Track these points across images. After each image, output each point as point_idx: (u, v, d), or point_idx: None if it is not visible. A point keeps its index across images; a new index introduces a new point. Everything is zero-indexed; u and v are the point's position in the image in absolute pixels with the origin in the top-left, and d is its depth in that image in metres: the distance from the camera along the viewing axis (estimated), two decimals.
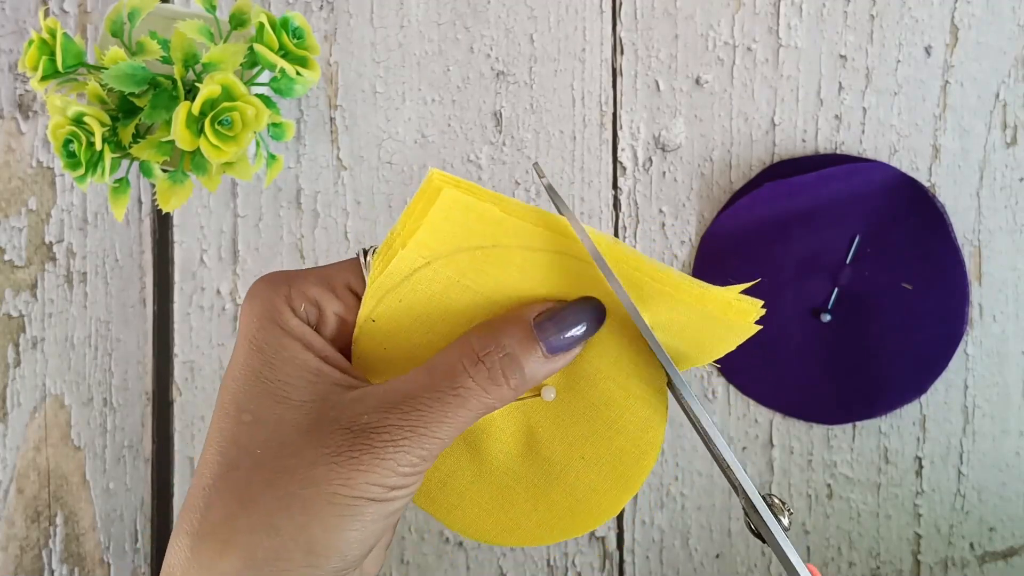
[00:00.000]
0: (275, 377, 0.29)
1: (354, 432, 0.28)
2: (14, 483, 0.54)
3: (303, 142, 0.54)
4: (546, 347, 0.29)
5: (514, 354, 0.29)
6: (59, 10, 0.55)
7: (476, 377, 0.28)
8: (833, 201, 0.51)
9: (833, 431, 0.52)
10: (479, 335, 0.29)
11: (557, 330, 0.29)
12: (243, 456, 0.28)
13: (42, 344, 0.54)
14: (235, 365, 0.30)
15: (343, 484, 0.27)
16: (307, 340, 0.30)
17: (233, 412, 0.29)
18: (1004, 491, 0.51)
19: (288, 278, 0.31)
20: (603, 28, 0.53)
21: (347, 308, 0.31)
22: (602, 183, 0.53)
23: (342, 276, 0.31)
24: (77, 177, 0.45)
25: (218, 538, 0.27)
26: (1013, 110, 0.51)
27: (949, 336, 0.51)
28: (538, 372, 0.29)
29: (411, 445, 0.28)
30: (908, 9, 0.52)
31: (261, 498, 0.27)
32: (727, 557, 0.52)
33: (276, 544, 0.27)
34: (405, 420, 0.28)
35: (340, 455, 0.27)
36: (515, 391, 0.29)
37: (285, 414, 0.28)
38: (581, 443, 0.32)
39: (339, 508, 0.27)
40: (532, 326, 0.29)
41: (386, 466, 0.27)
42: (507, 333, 0.29)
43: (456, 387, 0.28)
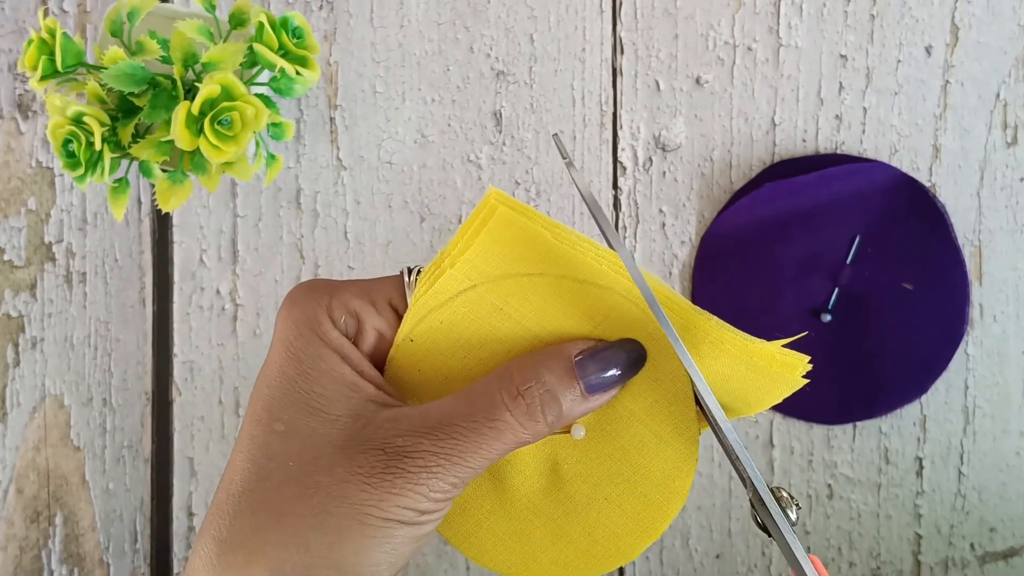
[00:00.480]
0: (310, 388, 0.29)
1: (388, 454, 0.28)
2: (13, 483, 0.54)
3: (303, 142, 0.54)
4: (585, 386, 0.29)
5: (553, 391, 0.29)
6: (58, 10, 0.55)
7: (515, 411, 0.28)
8: (833, 201, 0.51)
9: (833, 431, 0.52)
10: (521, 369, 0.29)
11: (598, 370, 0.29)
12: (275, 466, 0.28)
13: (41, 344, 0.54)
14: (270, 371, 0.30)
15: (375, 506, 0.27)
16: (345, 353, 0.29)
17: (266, 420, 0.29)
18: (1005, 491, 0.51)
19: (330, 288, 0.30)
20: (603, 28, 0.53)
21: (387, 324, 0.31)
22: (602, 183, 0.53)
23: (384, 291, 0.31)
24: (76, 177, 0.45)
25: (247, 548, 0.27)
26: (1014, 110, 0.51)
27: (949, 336, 0.50)
28: (575, 410, 0.29)
29: (444, 472, 0.27)
30: (908, 9, 0.51)
31: (292, 512, 0.27)
32: (727, 557, 0.52)
33: (305, 560, 0.27)
34: (440, 447, 0.28)
35: (374, 476, 0.27)
36: (550, 428, 0.29)
37: (319, 427, 0.28)
38: (606, 484, 0.32)
39: (370, 530, 0.27)
40: (574, 364, 0.29)
41: (419, 491, 0.27)
42: (548, 369, 0.29)
43: (494, 419, 0.28)
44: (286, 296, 0.31)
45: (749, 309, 0.51)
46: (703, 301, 0.52)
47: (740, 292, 0.51)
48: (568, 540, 0.32)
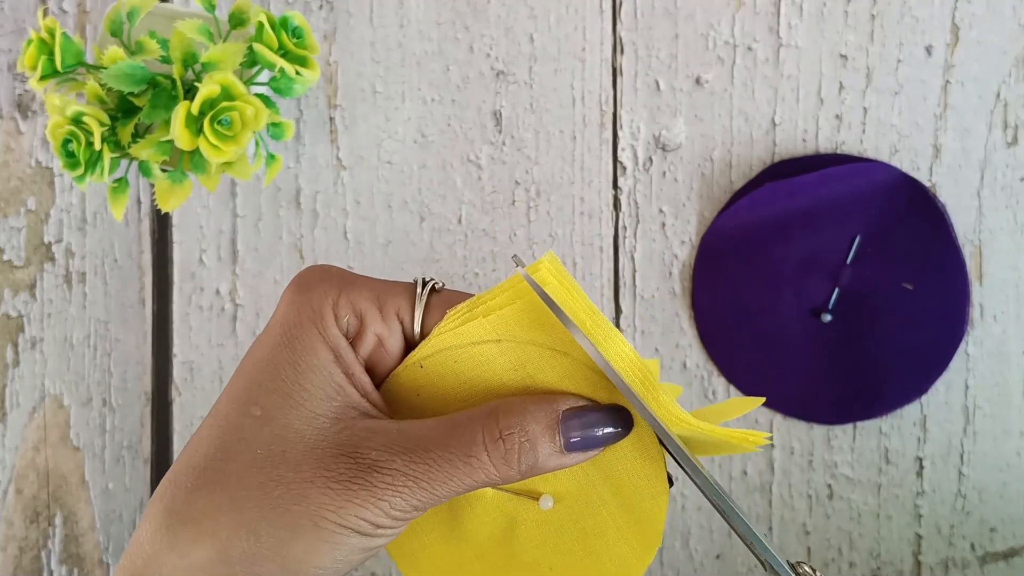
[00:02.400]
0: (296, 380, 0.29)
1: (358, 464, 0.28)
2: (13, 484, 0.54)
3: (302, 142, 0.54)
4: (565, 442, 0.29)
5: (533, 441, 0.29)
6: (58, 9, 0.55)
7: (492, 453, 0.28)
8: (834, 201, 0.50)
9: (834, 431, 0.52)
10: (507, 413, 0.29)
11: (581, 428, 0.29)
12: (242, 449, 0.28)
13: (41, 344, 0.54)
14: (260, 351, 0.29)
15: (333, 511, 0.27)
16: (340, 353, 0.29)
17: (244, 400, 0.29)
18: (1005, 491, 0.51)
19: (341, 280, 0.30)
20: (603, 27, 0.53)
21: (390, 332, 0.30)
22: (602, 183, 0.53)
23: (394, 300, 0.30)
24: (76, 177, 0.45)
25: (198, 526, 0.27)
26: (1014, 110, 0.51)
27: (950, 336, 0.50)
28: (549, 463, 0.29)
29: (409, 494, 0.28)
30: (909, 8, 0.51)
31: (250, 500, 0.27)
32: (727, 558, 0.52)
33: (253, 550, 0.27)
34: (411, 468, 0.28)
35: (339, 482, 0.27)
36: (522, 475, 0.29)
37: (294, 421, 0.28)
38: (555, 555, 0.32)
39: (324, 533, 0.27)
40: (559, 417, 0.29)
41: (380, 506, 0.27)
42: (534, 418, 0.29)
43: (470, 455, 0.28)
44: (297, 276, 0.30)
45: (749, 309, 0.51)
46: (703, 301, 0.52)
47: (740, 292, 0.51)
48: None
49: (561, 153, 0.53)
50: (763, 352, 0.51)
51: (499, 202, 0.53)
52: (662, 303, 0.52)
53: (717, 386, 0.52)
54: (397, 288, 0.31)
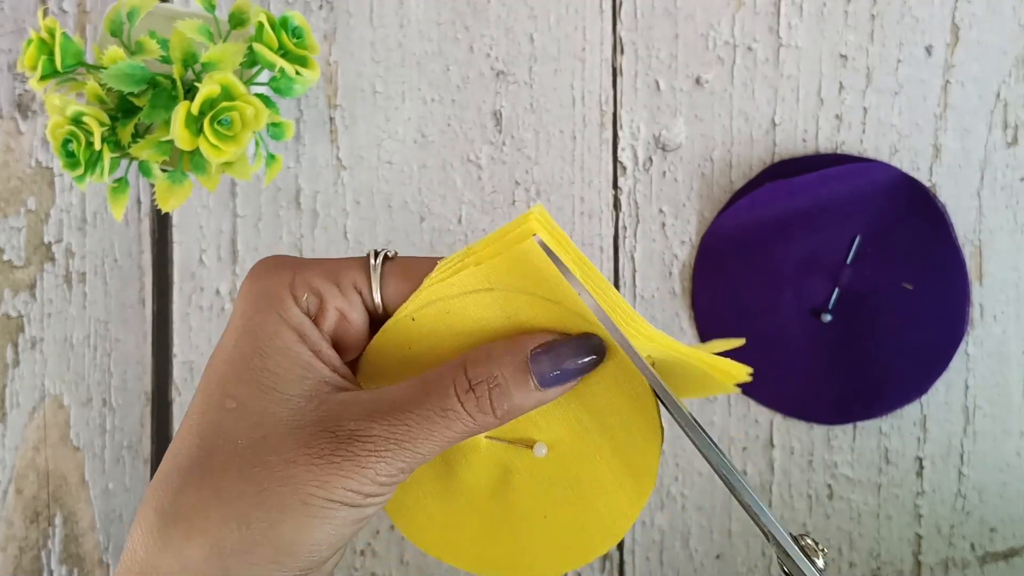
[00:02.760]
0: (264, 366, 0.29)
1: (338, 437, 0.28)
2: (13, 483, 0.54)
3: (302, 142, 0.54)
4: (539, 379, 0.29)
5: (505, 385, 0.29)
6: (58, 9, 0.55)
7: (465, 403, 0.28)
8: (834, 201, 0.50)
9: (834, 431, 0.52)
10: (474, 362, 0.29)
11: (552, 364, 0.29)
12: (223, 443, 0.28)
13: (41, 344, 0.54)
14: (225, 346, 0.29)
15: (319, 487, 0.27)
16: (303, 331, 0.29)
17: (217, 395, 0.29)
18: (1005, 491, 0.51)
19: (294, 264, 0.30)
20: (603, 27, 0.53)
21: (350, 305, 0.30)
22: (602, 183, 0.53)
23: (349, 273, 0.30)
24: (76, 177, 0.45)
25: (188, 523, 0.27)
26: (1014, 110, 0.51)
27: (950, 336, 0.50)
28: (527, 402, 0.29)
29: (393, 457, 0.28)
30: (909, 8, 0.51)
31: (236, 489, 0.27)
32: (727, 558, 0.52)
33: (246, 537, 0.27)
34: (391, 432, 0.28)
35: (321, 457, 0.27)
36: (501, 420, 0.29)
37: (270, 406, 0.28)
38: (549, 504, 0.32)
39: (312, 509, 0.27)
40: (528, 358, 0.29)
41: (365, 474, 0.27)
42: (501, 363, 0.29)
43: (446, 409, 0.28)
44: (250, 270, 0.30)
45: (749, 309, 0.51)
46: (703, 301, 0.52)
47: (740, 292, 0.51)
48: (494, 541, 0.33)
49: (561, 153, 0.53)
50: (763, 352, 0.51)
51: (499, 202, 0.53)
52: (662, 303, 0.52)
53: None
54: (351, 262, 0.31)
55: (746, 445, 0.52)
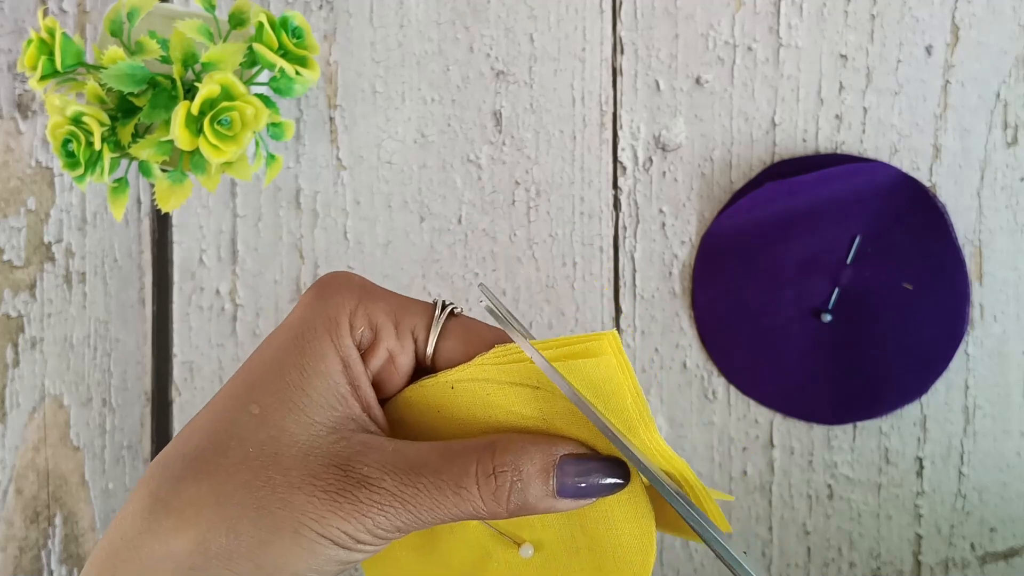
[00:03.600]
0: (300, 384, 0.29)
1: (348, 478, 0.28)
2: (13, 483, 0.54)
3: (302, 142, 0.54)
4: (559, 487, 0.29)
5: (526, 481, 0.28)
6: (58, 9, 0.55)
7: (482, 487, 0.28)
8: (834, 201, 0.50)
9: (834, 431, 0.52)
10: (504, 450, 0.29)
11: (577, 475, 0.29)
12: (235, 446, 0.28)
13: (41, 344, 0.54)
14: (268, 351, 0.29)
15: (315, 520, 0.27)
16: (349, 363, 0.29)
17: (244, 396, 0.29)
18: (1005, 491, 0.51)
19: (361, 290, 0.30)
20: (603, 27, 0.53)
21: (402, 349, 0.30)
22: (602, 183, 0.53)
23: (411, 319, 0.30)
24: (76, 177, 0.45)
25: (180, 516, 0.27)
26: (1014, 110, 0.51)
27: (950, 336, 0.50)
28: (539, 505, 0.29)
29: (394, 514, 0.28)
30: (909, 8, 0.51)
31: (235, 498, 0.27)
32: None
33: (232, 547, 0.27)
34: (400, 489, 0.28)
35: (326, 492, 0.27)
36: (510, 514, 0.29)
37: (291, 425, 0.28)
38: None
39: (302, 540, 0.27)
40: (555, 461, 0.29)
41: (363, 522, 0.27)
42: (529, 458, 0.29)
43: (460, 487, 0.28)
44: (318, 280, 0.30)
45: (749, 309, 0.51)
46: (703, 301, 0.52)
47: (740, 292, 0.51)
48: None
49: (561, 153, 0.53)
50: (763, 352, 0.51)
51: (499, 202, 0.53)
52: (662, 303, 0.52)
53: (717, 386, 0.52)
54: (416, 307, 0.31)
55: (746, 445, 0.52)
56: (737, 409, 0.52)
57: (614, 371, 0.28)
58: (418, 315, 0.30)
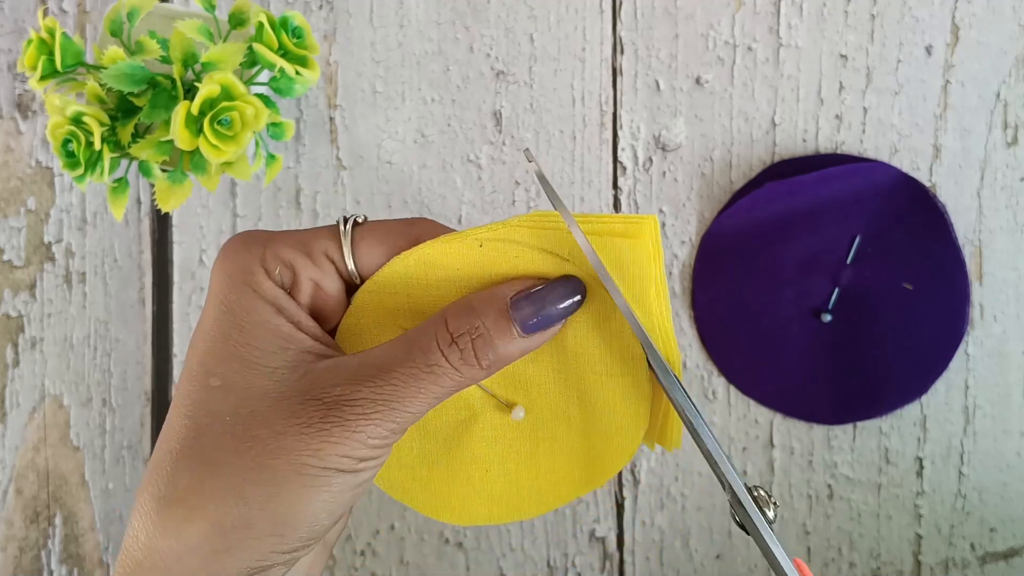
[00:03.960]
0: (245, 341, 0.29)
1: (326, 404, 0.27)
2: (13, 483, 0.54)
3: (302, 142, 0.54)
4: (521, 326, 0.29)
5: (488, 335, 0.29)
6: (58, 9, 0.55)
7: (450, 357, 0.28)
8: (834, 201, 0.50)
9: (834, 431, 0.52)
10: (455, 315, 0.29)
11: (534, 309, 0.29)
12: (212, 422, 0.28)
13: (41, 344, 0.54)
14: (204, 326, 0.29)
15: (312, 455, 0.27)
16: (279, 304, 0.29)
17: (201, 375, 0.29)
18: (1005, 491, 0.51)
19: (263, 239, 0.30)
20: (603, 27, 0.53)
21: (323, 274, 0.30)
22: (602, 183, 0.53)
23: (320, 243, 0.30)
24: (76, 177, 0.45)
25: (185, 504, 0.27)
26: (1014, 110, 0.51)
27: (950, 336, 0.50)
28: (512, 351, 0.29)
29: (383, 419, 0.27)
30: (909, 9, 0.51)
31: (229, 466, 0.27)
32: (727, 558, 0.52)
33: (244, 512, 0.27)
34: (378, 394, 0.28)
35: (311, 426, 0.27)
36: (488, 371, 0.29)
37: (255, 380, 0.28)
38: (495, 456, 0.33)
39: (307, 479, 0.27)
40: (508, 306, 0.29)
41: (357, 439, 0.27)
42: (482, 313, 0.29)
43: (430, 364, 0.28)
44: (221, 248, 0.30)
45: (749, 309, 0.51)
46: (703, 301, 0.52)
47: (740, 292, 0.51)
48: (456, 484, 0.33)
49: (561, 153, 0.53)
50: (763, 352, 0.51)
51: (499, 202, 0.53)
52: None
53: (717, 386, 0.52)
54: (321, 231, 0.31)
55: (746, 445, 0.52)
56: (737, 409, 0.52)
57: (647, 257, 0.29)
58: (325, 237, 0.30)
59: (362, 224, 0.31)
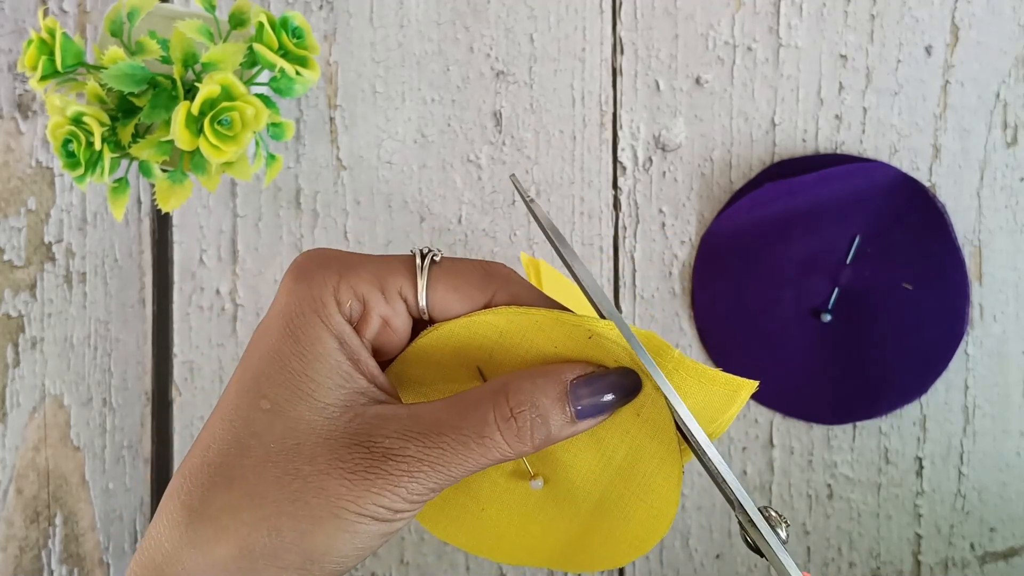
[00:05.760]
0: (303, 371, 0.28)
1: (372, 453, 0.28)
2: (13, 483, 0.54)
3: (303, 142, 0.54)
4: (576, 411, 0.29)
5: (544, 415, 0.29)
6: (58, 10, 0.55)
7: (505, 432, 0.28)
8: (833, 201, 0.51)
9: (833, 431, 0.52)
10: (517, 390, 0.29)
11: (591, 395, 0.29)
12: (255, 444, 0.28)
13: (41, 344, 0.54)
14: (264, 343, 0.29)
15: (352, 501, 0.27)
16: (344, 339, 0.29)
17: (252, 393, 0.29)
18: (1005, 491, 0.51)
19: (341, 266, 0.30)
20: (603, 28, 0.53)
21: (394, 312, 0.30)
22: (602, 183, 0.53)
23: (395, 279, 0.30)
24: (76, 177, 0.45)
25: (218, 524, 0.27)
26: (1014, 110, 0.51)
27: (949, 336, 0.50)
28: (562, 433, 0.29)
29: (425, 478, 0.28)
30: (908, 9, 0.51)
31: (268, 495, 0.27)
32: (727, 557, 0.52)
33: (276, 544, 0.27)
34: (425, 453, 0.28)
35: (355, 473, 0.27)
36: (535, 449, 0.29)
37: (305, 413, 0.28)
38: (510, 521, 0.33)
39: (343, 523, 0.27)
40: (568, 388, 0.29)
41: (397, 492, 0.27)
42: (544, 392, 0.29)
43: (483, 436, 0.28)
44: (294, 263, 0.30)
45: (749, 309, 0.51)
46: (703, 301, 0.52)
47: (740, 292, 0.51)
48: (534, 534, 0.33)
49: (561, 153, 0.53)
50: (763, 352, 0.51)
51: (499, 202, 0.53)
52: (662, 303, 0.52)
53: None
54: (396, 265, 0.30)
55: (746, 445, 0.52)
56: None
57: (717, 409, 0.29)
58: (400, 273, 0.30)
59: (439, 263, 0.30)
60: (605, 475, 0.32)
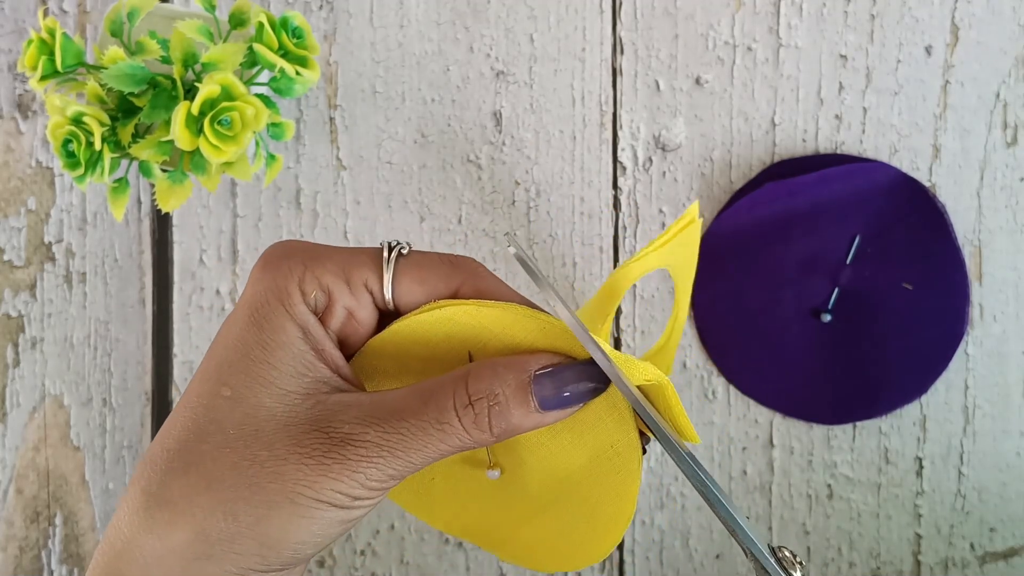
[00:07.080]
0: (265, 359, 0.29)
1: (332, 439, 0.28)
2: (13, 483, 0.54)
3: (302, 142, 0.54)
4: (539, 402, 0.29)
5: (505, 404, 0.28)
6: (58, 10, 0.55)
7: (463, 419, 0.28)
8: (833, 201, 0.51)
9: (833, 431, 0.52)
10: (477, 377, 0.29)
11: (555, 387, 0.29)
12: (215, 431, 0.28)
13: (41, 344, 0.54)
14: (229, 332, 0.29)
15: (308, 487, 0.27)
16: (308, 329, 0.29)
17: (214, 381, 0.29)
18: (1005, 491, 0.51)
19: (307, 256, 0.30)
20: (603, 28, 0.53)
21: (359, 304, 0.30)
22: (602, 183, 0.53)
23: (361, 271, 0.30)
24: (76, 177, 0.45)
25: (174, 508, 0.27)
26: (1014, 110, 0.51)
27: (949, 336, 0.50)
28: (525, 423, 0.29)
29: (384, 464, 0.28)
30: (908, 9, 0.51)
31: (225, 480, 0.27)
32: (727, 557, 0.52)
33: (231, 529, 0.27)
34: (385, 439, 0.28)
35: (312, 458, 0.27)
36: (497, 438, 0.29)
37: (265, 400, 0.28)
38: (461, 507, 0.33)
39: (300, 509, 0.27)
40: (531, 379, 0.29)
41: (355, 478, 0.27)
42: (504, 382, 0.29)
43: (442, 422, 0.28)
44: (264, 253, 0.30)
45: (749, 309, 0.51)
46: (703, 301, 0.52)
47: (740, 292, 0.51)
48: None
49: (561, 153, 0.53)
50: (763, 352, 0.51)
51: (499, 202, 0.53)
52: (662, 303, 0.52)
53: (717, 386, 0.52)
54: (363, 257, 0.30)
55: (746, 445, 0.52)
56: (737, 409, 0.52)
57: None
58: (367, 265, 0.30)
59: (406, 256, 0.30)
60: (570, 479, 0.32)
